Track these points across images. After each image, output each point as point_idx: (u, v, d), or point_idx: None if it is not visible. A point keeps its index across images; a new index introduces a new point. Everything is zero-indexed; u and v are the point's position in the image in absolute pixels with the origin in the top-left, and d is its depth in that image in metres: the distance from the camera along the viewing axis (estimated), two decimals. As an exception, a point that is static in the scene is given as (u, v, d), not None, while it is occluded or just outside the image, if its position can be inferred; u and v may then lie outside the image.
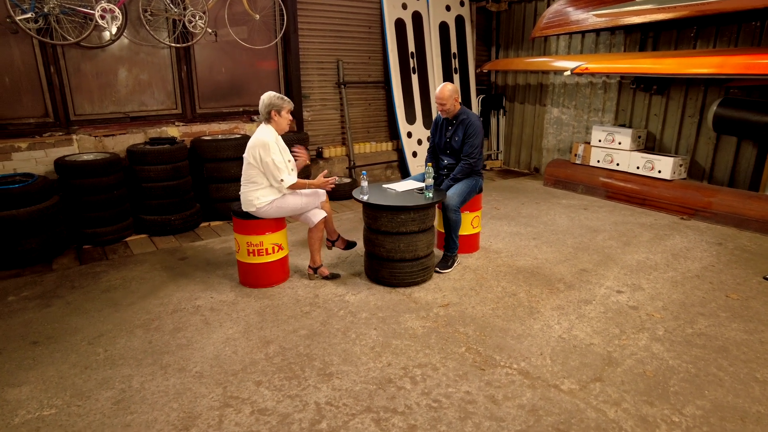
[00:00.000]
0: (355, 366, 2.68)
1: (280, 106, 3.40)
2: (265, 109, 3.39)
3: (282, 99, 3.43)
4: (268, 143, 3.33)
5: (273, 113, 3.40)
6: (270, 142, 3.33)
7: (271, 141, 3.34)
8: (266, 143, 3.33)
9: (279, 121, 3.43)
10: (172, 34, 5.04)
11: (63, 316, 3.25)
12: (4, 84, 4.41)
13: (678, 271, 3.91)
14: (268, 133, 3.39)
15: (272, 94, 3.43)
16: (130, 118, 5.09)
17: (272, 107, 3.38)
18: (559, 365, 2.67)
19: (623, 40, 6.11)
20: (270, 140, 3.34)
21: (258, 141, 3.35)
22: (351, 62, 6.56)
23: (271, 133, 3.40)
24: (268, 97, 3.40)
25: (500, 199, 6.16)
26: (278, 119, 3.42)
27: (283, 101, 3.43)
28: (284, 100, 3.44)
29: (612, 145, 6.00)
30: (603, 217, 5.30)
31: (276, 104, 3.39)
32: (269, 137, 3.35)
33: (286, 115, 3.45)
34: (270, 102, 3.38)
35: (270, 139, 3.34)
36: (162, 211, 4.79)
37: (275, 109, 3.39)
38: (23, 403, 2.42)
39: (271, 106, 3.38)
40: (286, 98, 3.47)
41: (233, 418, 2.30)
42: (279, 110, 3.40)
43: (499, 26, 7.69)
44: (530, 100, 7.50)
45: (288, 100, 3.46)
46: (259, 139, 3.35)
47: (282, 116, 3.43)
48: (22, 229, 3.96)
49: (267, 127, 3.43)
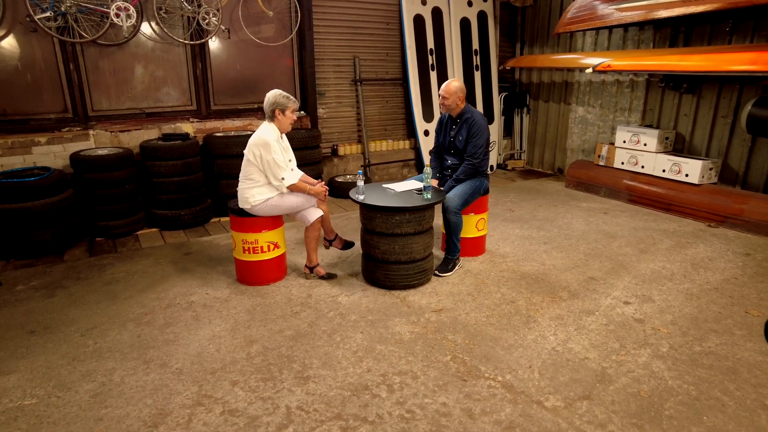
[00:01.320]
0: (334, 370, 2.62)
1: (284, 105, 3.37)
2: (270, 107, 3.37)
3: (287, 98, 3.40)
4: (269, 142, 3.31)
5: (277, 112, 3.37)
6: (271, 140, 3.31)
7: (271, 140, 3.32)
8: (267, 142, 3.31)
9: (282, 120, 3.41)
10: (187, 32, 5.12)
11: (63, 307, 3.34)
12: (26, 81, 4.59)
13: (695, 282, 3.66)
14: (270, 131, 3.37)
15: (278, 92, 3.41)
16: (145, 114, 5.21)
17: (277, 106, 3.36)
18: (547, 380, 2.53)
19: (652, 35, 5.78)
20: (271, 139, 3.31)
21: (259, 139, 3.33)
22: (368, 59, 6.50)
23: (273, 132, 3.38)
24: (273, 95, 3.38)
25: (517, 200, 5.96)
26: (282, 118, 3.40)
27: (289, 100, 3.40)
28: (290, 99, 3.41)
29: (637, 147, 5.69)
30: (622, 222, 5.04)
31: (281, 103, 3.36)
32: (270, 136, 3.33)
33: (291, 114, 3.42)
34: (275, 100, 3.36)
35: (271, 137, 3.32)
36: (172, 205, 4.87)
37: (279, 108, 3.36)
38: (8, 391, 2.49)
39: (276, 105, 3.36)
40: (292, 97, 3.43)
41: (203, 417, 2.29)
42: (284, 109, 3.37)
43: (524, 22, 7.44)
44: (555, 98, 7.22)
45: (294, 100, 3.43)
46: (260, 138, 3.33)
47: (286, 115, 3.40)
48: (37, 221, 4.11)
49: (270, 126, 3.41)
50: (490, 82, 7.31)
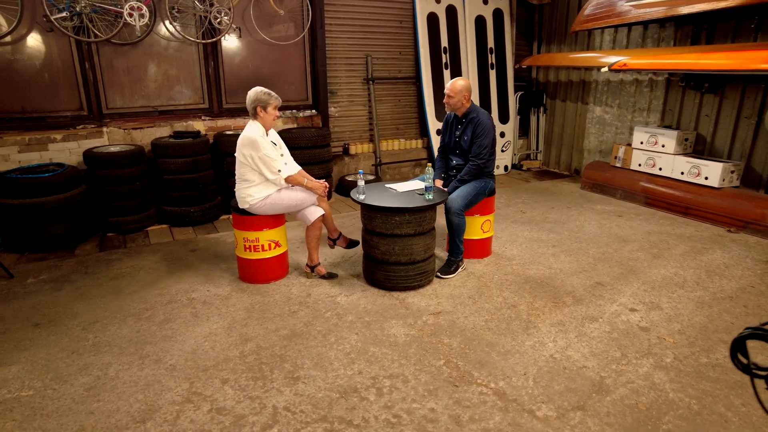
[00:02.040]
0: (325, 371, 2.61)
1: (266, 102, 3.37)
2: (252, 104, 3.37)
3: (269, 95, 3.39)
4: (256, 140, 3.31)
5: (259, 109, 3.37)
6: (257, 137, 3.32)
7: (257, 137, 3.32)
8: (253, 140, 3.32)
9: (265, 117, 3.41)
10: (199, 31, 5.18)
11: (69, 301, 3.41)
12: (44, 79, 4.71)
13: (708, 290, 3.51)
14: (255, 129, 3.37)
15: (258, 89, 3.40)
16: (158, 112, 5.29)
17: (258, 103, 3.36)
18: (541, 388, 2.46)
19: (673, 33, 5.58)
20: (256, 136, 3.32)
21: (245, 139, 3.34)
22: (381, 58, 6.46)
23: (258, 129, 3.39)
24: (254, 92, 3.38)
25: (529, 202, 5.85)
26: (264, 115, 3.40)
27: (270, 97, 3.39)
28: (271, 95, 3.40)
29: (654, 148, 5.51)
30: (637, 226, 4.88)
31: (262, 100, 3.36)
32: (255, 133, 3.34)
33: (273, 111, 3.41)
34: (256, 98, 3.36)
35: (256, 134, 3.33)
36: (182, 202, 4.94)
37: (261, 105, 3.36)
38: (8, 382, 2.55)
39: (257, 102, 3.36)
40: (274, 94, 3.43)
41: (190, 414, 2.30)
42: (265, 106, 3.37)
43: (541, 20, 7.29)
44: (572, 97, 7.06)
45: (275, 96, 3.42)
46: (247, 137, 3.34)
47: (268, 112, 3.39)
48: (50, 216, 4.21)
49: (254, 124, 3.42)
50: (506, 81, 7.19)
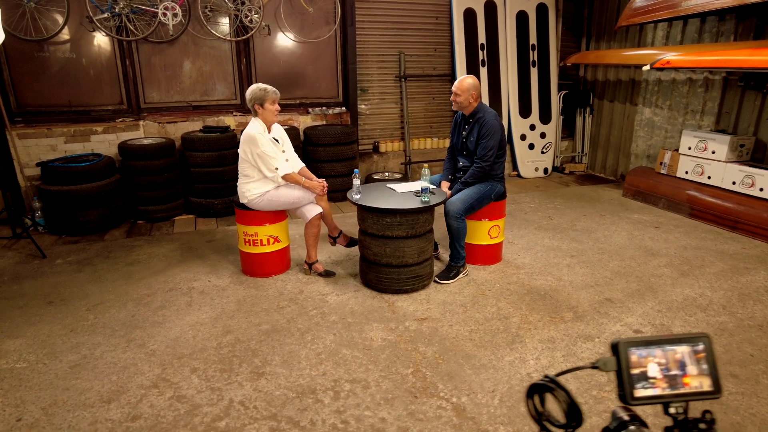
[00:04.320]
0: (290, 370, 2.61)
1: (262, 99, 3.38)
2: (249, 103, 3.41)
3: (264, 90, 3.39)
4: (255, 137, 3.36)
5: (256, 106, 3.41)
6: (256, 134, 3.36)
7: (257, 134, 3.37)
8: (253, 137, 3.37)
9: (264, 114, 3.43)
10: (231, 29, 5.36)
11: (84, 282, 3.67)
12: (89, 76, 5.09)
13: (735, 316, 3.13)
14: (256, 126, 3.42)
15: (254, 86, 3.42)
16: (192, 107, 5.55)
17: (255, 101, 3.39)
18: (506, 408, 2.31)
19: (734, 27, 5.02)
20: (256, 133, 3.36)
21: (246, 136, 3.40)
22: (415, 55, 6.36)
23: (259, 126, 3.43)
24: (250, 90, 3.40)
25: (561, 207, 5.52)
26: (262, 111, 3.42)
27: (266, 93, 3.39)
28: (267, 91, 3.39)
29: (704, 154, 5.00)
30: (673, 239, 4.46)
31: (258, 96, 3.38)
32: (255, 130, 3.38)
33: (270, 106, 3.42)
34: (252, 96, 3.38)
35: (256, 132, 3.37)
36: (207, 194, 5.15)
37: (258, 102, 3.39)
38: (8, 354, 2.78)
39: (254, 100, 3.39)
40: (270, 89, 3.42)
41: (152, 399, 2.39)
42: (261, 103, 3.40)
43: (591, 14, 6.84)
44: (620, 97, 6.57)
45: (272, 91, 3.42)
46: (247, 134, 3.40)
47: (266, 108, 3.41)
48: (84, 203, 4.55)
49: (255, 121, 3.46)
50: (548, 80, 6.83)
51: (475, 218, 3.80)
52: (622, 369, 0.88)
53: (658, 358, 0.89)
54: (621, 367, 0.89)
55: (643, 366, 0.89)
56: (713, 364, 0.89)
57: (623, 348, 0.89)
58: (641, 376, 0.88)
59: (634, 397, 0.88)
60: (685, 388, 0.88)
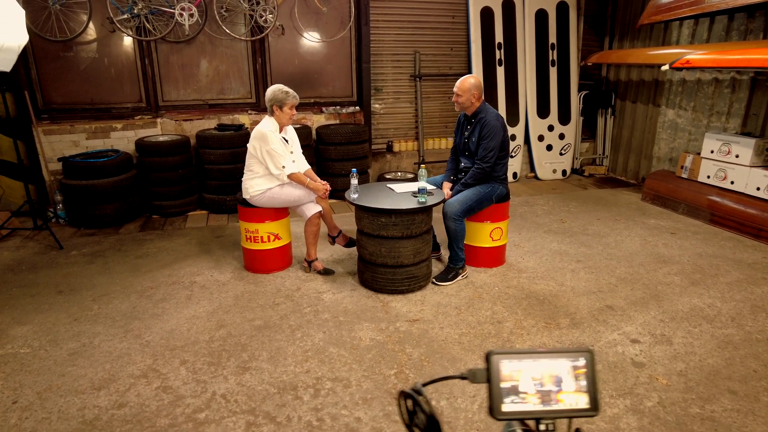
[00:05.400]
0: (275, 366, 2.64)
1: (282, 101, 3.43)
2: (268, 103, 3.45)
3: (286, 93, 3.44)
4: (266, 134, 3.41)
5: (275, 107, 3.45)
6: (267, 132, 3.41)
7: (268, 131, 3.41)
8: (264, 134, 3.41)
9: (280, 116, 3.48)
10: (247, 29, 5.46)
11: (94, 274, 3.82)
12: (111, 75, 5.28)
13: (744, 329, 2.99)
14: (268, 124, 3.47)
15: (277, 88, 3.47)
16: (208, 105, 5.68)
17: (275, 102, 3.43)
18: (484, 414, 2.27)
19: (763, 24, 4.77)
20: (267, 131, 3.41)
21: (257, 132, 3.45)
22: (430, 54, 6.32)
23: (272, 125, 3.47)
24: (271, 90, 3.45)
25: (575, 211, 5.39)
26: (279, 113, 3.47)
27: (287, 96, 3.44)
28: (288, 95, 3.45)
29: (726, 158, 4.77)
30: (688, 246, 4.28)
31: (279, 99, 3.43)
32: (267, 128, 3.43)
33: (288, 110, 3.46)
34: (273, 96, 3.43)
35: (267, 129, 3.42)
36: (220, 191, 5.27)
37: (277, 104, 3.44)
38: (16, 339, 2.92)
39: (274, 101, 3.43)
40: (292, 93, 3.47)
41: (139, 388, 2.46)
42: (281, 105, 3.44)
43: (615, 12, 6.63)
44: (642, 98, 6.35)
45: (293, 95, 3.46)
46: (258, 131, 3.45)
47: (283, 111, 3.45)
48: (101, 197, 4.73)
49: (269, 119, 3.51)
50: (568, 79, 6.67)
51: (476, 220, 3.76)
52: (491, 381, 0.85)
53: (532, 372, 0.85)
54: (491, 379, 0.85)
55: (514, 379, 0.85)
56: (593, 381, 0.85)
57: (494, 359, 0.85)
58: (512, 390, 0.85)
59: (500, 412, 0.84)
60: (558, 404, 0.84)
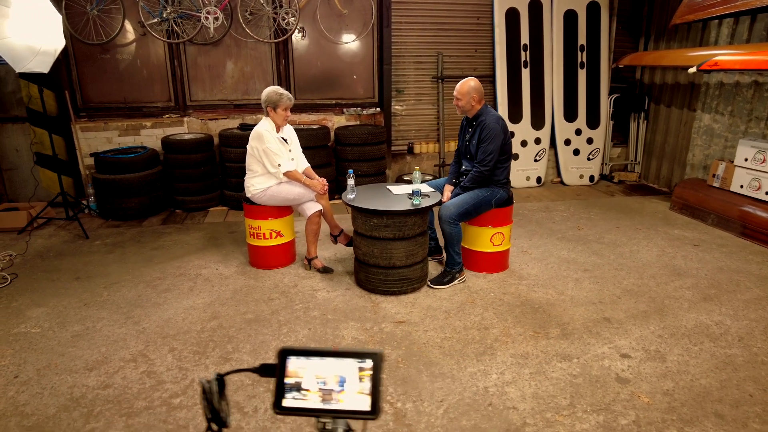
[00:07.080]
0: (255, 358, 2.73)
1: (276, 103, 3.52)
2: (263, 103, 3.55)
3: (280, 95, 3.51)
4: (262, 133, 3.52)
5: (269, 109, 3.55)
6: (263, 132, 3.51)
7: (264, 131, 3.51)
8: (260, 134, 3.52)
9: (274, 116, 3.57)
10: (270, 31, 5.63)
11: (110, 263, 4.06)
12: (143, 75, 5.59)
13: (751, 350, 2.79)
14: (264, 125, 3.57)
15: (271, 89, 3.54)
16: (233, 105, 5.90)
17: (268, 103, 3.53)
18: (447, 420, 2.25)
19: (807, 23, 4.43)
20: (263, 130, 3.51)
21: (255, 133, 3.57)
22: (454, 55, 6.27)
23: (268, 125, 3.57)
24: (266, 92, 3.54)
25: (595, 218, 5.19)
26: (273, 114, 3.56)
27: (281, 97, 3.51)
28: (282, 96, 3.51)
29: (762, 167, 4.46)
30: (709, 260, 4.03)
31: (272, 100, 3.52)
32: (264, 128, 3.53)
33: (282, 111, 3.54)
34: (267, 98, 3.52)
35: (264, 129, 3.52)
36: (239, 188, 5.42)
37: (271, 106, 3.53)
38: (30, 319, 3.16)
39: (268, 102, 3.53)
40: (286, 94, 3.54)
41: (127, 372, 2.61)
42: (275, 106, 3.53)
43: (651, 12, 6.33)
44: (677, 102, 6.03)
45: (287, 97, 3.54)
46: (256, 131, 3.56)
47: (277, 112, 3.54)
48: (127, 191, 5.02)
49: (266, 120, 3.61)
50: (598, 82, 6.43)
51: (478, 224, 3.71)
52: (277, 377, 0.89)
53: (317, 371, 0.87)
54: (278, 374, 0.88)
55: (299, 376, 0.88)
56: (376, 385, 0.86)
57: (282, 355, 0.89)
58: (295, 386, 0.88)
59: (281, 407, 0.87)
60: (338, 404, 0.86)
